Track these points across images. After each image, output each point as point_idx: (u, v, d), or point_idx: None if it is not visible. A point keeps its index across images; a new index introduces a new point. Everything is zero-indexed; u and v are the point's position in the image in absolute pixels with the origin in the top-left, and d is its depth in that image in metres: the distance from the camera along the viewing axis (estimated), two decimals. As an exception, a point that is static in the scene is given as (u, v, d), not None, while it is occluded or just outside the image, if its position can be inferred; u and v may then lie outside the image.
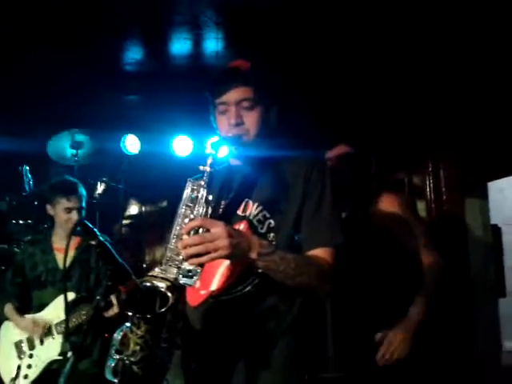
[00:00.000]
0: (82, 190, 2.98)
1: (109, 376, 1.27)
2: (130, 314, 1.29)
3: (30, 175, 4.35)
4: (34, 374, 2.78)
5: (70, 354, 2.72)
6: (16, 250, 4.11)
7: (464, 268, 3.88)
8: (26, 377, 2.78)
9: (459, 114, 3.97)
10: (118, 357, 1.27)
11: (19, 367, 2.79)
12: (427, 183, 4.35)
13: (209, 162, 1.39)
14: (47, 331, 2.79)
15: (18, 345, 2.85)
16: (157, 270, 1.36)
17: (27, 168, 4.34)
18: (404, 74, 3.91)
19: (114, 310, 2.39)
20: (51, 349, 2.79)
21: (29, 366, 2.80)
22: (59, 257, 2.94)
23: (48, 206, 2.98)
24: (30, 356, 2.81)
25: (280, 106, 1.69)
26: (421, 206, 4.24)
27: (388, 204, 2.39)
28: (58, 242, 2.97)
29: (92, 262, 2.92)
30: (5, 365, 2.86)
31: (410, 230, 2.34)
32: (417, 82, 3.95)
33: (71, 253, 2.90)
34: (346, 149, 2.52)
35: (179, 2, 3.29)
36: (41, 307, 2.87)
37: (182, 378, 1.51)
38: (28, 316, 2.86)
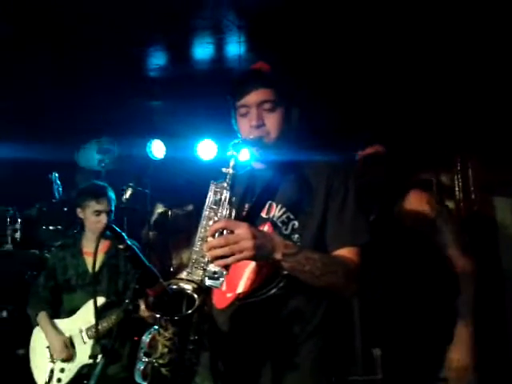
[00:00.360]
0: (111, 194, 3.02)
1: (138, 379, 1.28)
2: (157, 316, 1.30)
3: (59, 182, 4.45)
4: (66, 377, 2.81)
5: (100, 357, 2.74)
6: (47, 255, 4.22)
7: (495, 267, 3.81)
8: (59, 380, 2.81)
9: (487, 113, 3.90)
10: (146, 359, 1.28)
11: (52, 371, 2.83)
12: (456, 183, 4.29)
13: (231, 164, 1.39)
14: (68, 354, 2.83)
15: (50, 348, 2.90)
16: (184, 272, 1.37)
17: (56, 175, 4.44)
18: (433, 74, 3.86)
19: (142, 313, 2.41)
20: (83, 353, 2.83)
21: (62, 370, 2.83)
22: (89, 260, 2.97)
23: (78, 210, 3.01)
24: (63, 360, 2.86)
25: (302, 107, 1.69)
26: (450, 206, 4.18)
27: (416, 202, 2.35)
28: (88, 245, 3.01)
29: (121, 266, 2.95)
30: (38, 368, 2.90)
31: (439, 228, 2.30)
32: (446, 82, 3.89)
33: (100, 256, 2.93)
34: (379, 148, 2.49)
35: (201, 7, 3.31)
36: (71, 311, 2.90)
37: (211, 379, 1.51)
38: (58, 332, 2.87)
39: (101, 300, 2.81)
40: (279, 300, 1.49)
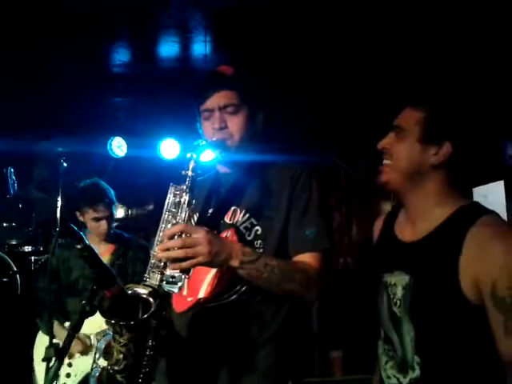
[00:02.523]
0: (110, 196, 2.92)
1: None
2: (112, 322, 1.27)
3: (14, 177, 4.31)
4: (73, 383, 2.72)
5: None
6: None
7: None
8: None
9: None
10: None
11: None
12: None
13: (191, 166, 1.38)
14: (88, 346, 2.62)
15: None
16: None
17: (12, 170, 4.30)
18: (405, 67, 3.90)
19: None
20: (89, 359, 2.73)
21: (68, 375, 2.69)
22: None
23: (77, 213, 2.90)
24: (69, 365, 2.70)
25: (268, 109, 1.68)
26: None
27: None
28: (93, 247, 2.89)
29: (129, 267, 2.86)
30: (42, 373, 2.79)
31: None
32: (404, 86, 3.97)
33: (106, 258, 2.82)
34: None
35: (168, 5, 3.27)
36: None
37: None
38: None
39: None
40: (239, 305, 1.48)
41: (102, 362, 2.27)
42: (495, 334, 1.25)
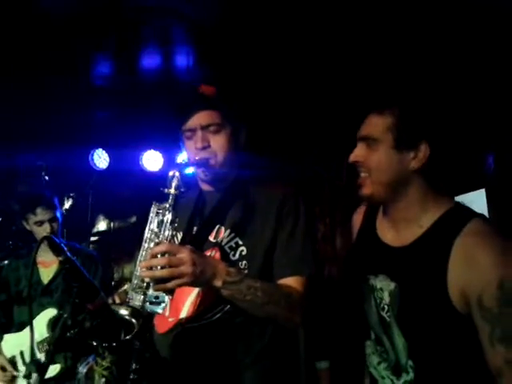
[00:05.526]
0: (51, 199, 2.87)
1: None
2: (93, 344, 1.24)
3: (-6, 191, 4.24)
4: None
5: (34, 375, 2.62)
6: None
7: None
8: None
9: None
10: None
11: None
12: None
13: (173, 184, 1.36)
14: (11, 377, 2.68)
15: (11, 360, 2.72)
16: (126, 286, 1.33)
17: (-8, 184, 4.24)
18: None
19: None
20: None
21: None
22: (42, 271, 2.83)
23: (23, 222, 2.87)
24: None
25: (251, 125, 1.67)
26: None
27: None
28: (42, 255, 2.85)
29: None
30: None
31: None
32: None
33: (54, 267, 2.81)
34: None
35: (151, 16, 3.27)
36: (21, 325, 2.75)
37: None
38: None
39: (52, 312, 2.68)
40: (223, 324, 1.47)
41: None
42: (482, 343, 1.25)
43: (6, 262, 3.57)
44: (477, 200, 4.72)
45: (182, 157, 1.56)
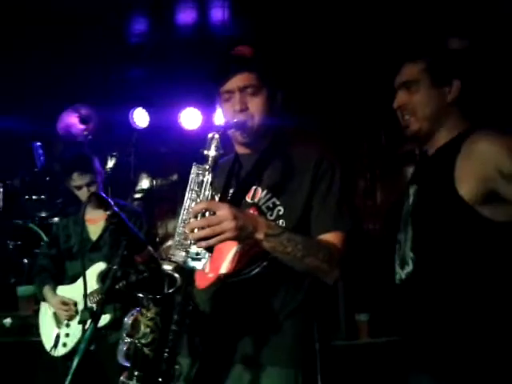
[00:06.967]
0: (93, 164, 2.95)
1: (121, 360, 1.30)
2: (139, 295, 1.30)
3: (41, 151, 4.38)
4: (71, 342, 2.84)
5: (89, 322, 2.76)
6: (31, 225, 4.20)
7: None
8: (64, 345, 2.85)
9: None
10: (129, 340, 1.29)
11: (58, 336, 2.87)
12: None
13: (213, 146, 1.38)
14: (75, 311, 2.86)
15: (56, 314, 2.92)
16: (169, 242, 1.37)
17: (39, 144, 4.38)
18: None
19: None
20: (77, 325, 2.84)
21: (67, 335, 2.86)
22: (90, 228, 2.95)
23: (66, 184, 2.98)
24: (67, 325, 2.88)
25: (287, 88, 1.66)
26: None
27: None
28: (89, 213, 2.97)
29: None
30: (46, 334, 2.95)
31: None
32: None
33: (101, 223, 2.91)
34: None
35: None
36: (74, 278, 2.91)
37: (189, 358, 1.52)
38: (57, 296, 2.89)
39: (102, 266, 2.81)
40: (261, 279, 1.50)
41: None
42: None
43: (55, 219, 3.77)
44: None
45: (218, 115, 1.56)
